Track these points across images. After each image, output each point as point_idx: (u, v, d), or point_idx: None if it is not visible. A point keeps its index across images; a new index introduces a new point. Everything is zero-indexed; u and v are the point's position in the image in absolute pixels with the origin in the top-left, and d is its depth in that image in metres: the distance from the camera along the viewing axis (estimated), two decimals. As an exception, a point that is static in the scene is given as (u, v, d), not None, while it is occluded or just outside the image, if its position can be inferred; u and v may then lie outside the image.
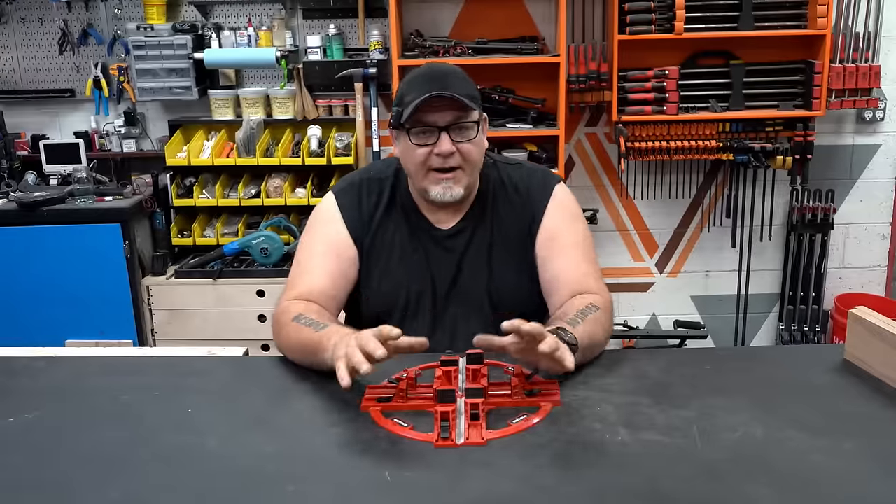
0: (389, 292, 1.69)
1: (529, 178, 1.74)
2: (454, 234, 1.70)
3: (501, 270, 1.69)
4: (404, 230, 1.70)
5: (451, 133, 1.58)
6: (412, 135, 1.59)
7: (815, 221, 3.78)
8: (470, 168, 1.62)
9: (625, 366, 1.47)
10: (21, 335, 3.45)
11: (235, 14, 3.73)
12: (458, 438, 1.20)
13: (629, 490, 1.06)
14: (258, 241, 3.56)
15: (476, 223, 1.71)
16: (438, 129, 1.57)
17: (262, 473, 1.12)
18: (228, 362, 1.61)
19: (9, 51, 3.82)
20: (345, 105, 3.72)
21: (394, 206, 1.72)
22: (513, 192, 1.72)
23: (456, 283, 1.69)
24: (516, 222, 1.71)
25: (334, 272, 1.66)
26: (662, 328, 3.98)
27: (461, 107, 1.56)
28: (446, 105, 1.56)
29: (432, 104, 1.55)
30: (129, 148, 3.83)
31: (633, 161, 3.68)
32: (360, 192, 1.72)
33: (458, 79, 1.60)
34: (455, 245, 1.70)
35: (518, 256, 1.70)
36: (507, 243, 1.70)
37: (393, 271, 1.69)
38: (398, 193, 1.72)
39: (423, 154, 1.59)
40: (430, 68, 1.64)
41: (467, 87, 1.60)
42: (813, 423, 1.23)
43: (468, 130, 1.59)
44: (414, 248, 1.70)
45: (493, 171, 1.74)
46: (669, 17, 3.35)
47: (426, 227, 1.71)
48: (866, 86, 3.47)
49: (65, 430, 1.28)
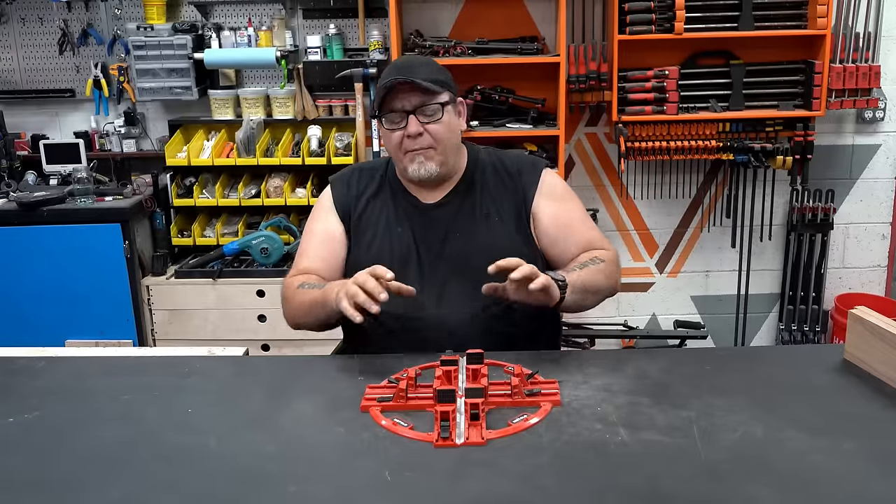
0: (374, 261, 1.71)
1: (518, 161, 1.89)
2: (440, 206, 1.81)
3: (495, 238, 1.78)
4: (391, 207, 1.83)
5: (419, 116, 1.71)
6: (384, 120, 1.74)
7: (815, 221, 3.77)
8: (441, 146, 1.74)
9: (625, 366, 1.47)
10: (21, 335, 3.45)
11: (235, 14, 3.73)
12: (458, 438, 1.20)
13: (629, 490, 1.07)
14: (258, 241, 3.56)
15: (463, 197, 1.82)
16: (406, 113, 1.71)
17: (263, 473, 1.12)
18: (228, 362, 1.61)
19: (9, 51, 3.82)
20: (345, 105, 3.72)
21: (383, 187, 1.85)
22: (502, 171, 1.85)
23: (444, 247, 1.77)
24: (504, 197, 1.82)
25: (329, 255, 1.82)
26: (662, 328, 3.97)
27: (424, 91, 1.70)
28: (410, 90, 1.69)
29: (399, 90, 1.69)
30: (129, 148, 3.83)
31: (633, 161, 3.68)
32: (350, 179, 1.89)
33: (423, 66, 1.75)
34: (441, 215, 1.80)
35: (512, 227, 1.80)
36: (500, 212, 1.80)
37: (377, 242, 1.80)
38: (388, 178, 1.87)
39: (397, 138, 1.73)
40: (398, 59, 1.83)
41: (432, 73, 1.74)
42: (813, 423, 1.23)
43: (435, 113, 1.72)
44: (399, 221, 1.81)
45: (484, 155, 1.88)
46: (669, 17, 3.34)
47: (412, 201, 1.83)
48: (866, 86, 3.47)
49: (65, 430, 1.28)
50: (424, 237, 1.79)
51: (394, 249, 1.78)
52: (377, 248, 1.79)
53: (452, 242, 1.77)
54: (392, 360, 1.52)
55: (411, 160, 1.74)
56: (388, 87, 1.69)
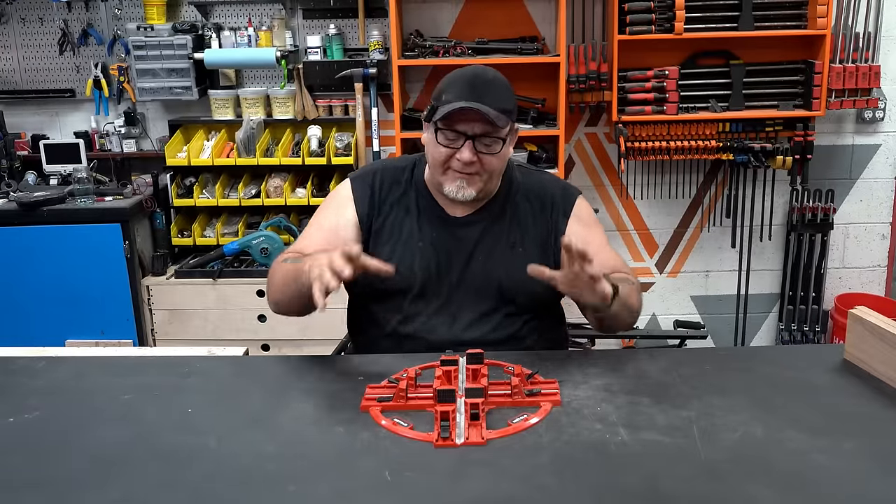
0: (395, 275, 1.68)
1: (551, 188, 1.80)
2: (467, 224, 1.73)
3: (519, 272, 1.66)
4: (415, 216, 1.74)
5: (477, 143, 1.61)
6: (440, 134, 1.63)
7: (815, 221, 3.78)
8: (487, 176, 1.66)
9: (625, 366, 1.47)
10: (21, 335, 3.45)
11: (235, 14, 3.73)
12: (458, 438, 1.20)
13: (629, 490, 1.06)
14: (258, 241, 3.56)
15: (493, 218, 1.74)
16: (465, 137, 1.61)
17: (263, 473, 1.12)
18: (228, 362, 1.61)
19: (9, 51, 3.82)
20: (345, 105, 3.72)
21: (408, 193, 1.76)
22: (534, 197, 1.77)
23: (467, 269, 1.71)
24: (536, 227, 1.75)
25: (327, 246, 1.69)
26: (662, 328, 3.98)
27: (492, 122, 1.59)
28: (478, 117, 1.59)
29: (466, 112, 1.59)
30: (129, 148, 3.83)
31: (633, 161, 3.68)
32: (374, 179, 1.77)
33: (498, 91, 1.63)
34: (468, 234, 1.72)
35: (535, 256, 1.71)
36: (525, 243, 1.74)
37: (398, 254, 1.71)
38: (414, 182, 1.77)
39: (445, 154, 1.63)
40: (474, 73, 1.66)
41: (504, 101, 1.63)
42: (813, 423, 1.23)
43: (494, 144, 1.63)
44: (423, 234, 1.72)
45: (516, 174, 1.79)
46: (669, 17, 3.34)
47: (438, 213, 1.74)
48: (866, 86, 3.47)
49: (65, 430, 1.28)
50: (448, 255, 1.71)
51: (415, 264, 1.70)
52: (399, 261, 1.69)
53: (476, 265, 1.71)
54: (392, 360, 1.52)
55: (451, 180, 1.65)
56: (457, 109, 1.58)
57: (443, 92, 1.64)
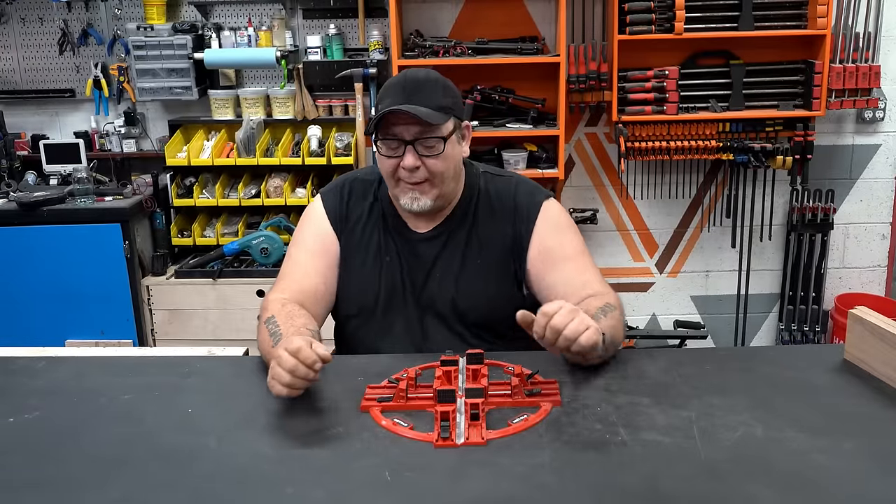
0: (360, 292, 1.71)
1: (516, 192, 1.71)
2: (428, 239, 1.70)
3: (470, 280, 1.67)
4: (381, 232, 1.72)
5: (418, 147, 1.57)
6: (381, 144, 1.59)
7: (815, 221, 3.77)
8: (438, 180, 1.61)
9: (625, 366, 1.47)
10: (21, 335, 3.45)
11: (235, 14, 3.73)
12: (458, 438, 1.20)
13: (629, 490, 1.06)
14: (258, 241, 3.56)
15: (452, 230, 1.70)
16: (404, 143, 1.57)
17: (262, 473, 1.12)
18: (228, 362, 1.61)
19: (9, 51, 3.82)
20: (345, 105, 3.72)
21: (374, 208, 1.73)
22: (497, 204, 1.70)
23: (425, 287, 1.68)
24: (496, 234, 1.69)
25: (324, 270, 1.71)
26: (662, 328, 3.97)
27: (425, 121, 1.54)
28: (411, 119, 1.54)
29: (399, 116, 1.54)
30: (129, 148, 3.83)
31: (633, 161, 3.68)
32: (342, 192, 1.76)
33: (431, 89, 1.57)
34: (428, 250, 1.69)
35: (494, 269, 1.68)
36: (483, 254, 1.68)
37: (367, 271, 1.70)
38: (380, 196, 1.74)
39: (391, 165, 1.60)
40: (404, 77, 1.61)
41: (439, 98, 1.57)
42: (813, 423, 1.23)
43: (435, 145, 1.58)
44: (388, 250, 1.70)
45: (479, 180, 1.73)
46: (669, 17, 3.34)
47: (402, 229, 1.71)
48: (866, 86, 3.47)
49: (65, 430, 1.28)
50: (410, 271, 1.69)
51: (382, 280, 1.69)
52: (367, 277, 1.69)
53: (434, 281, 1.68)
54: (392, 360, 1.52)
55: (404, 191, 1.62)
56: (387, 112, 1.54)
57: (379, 101, 1.60)
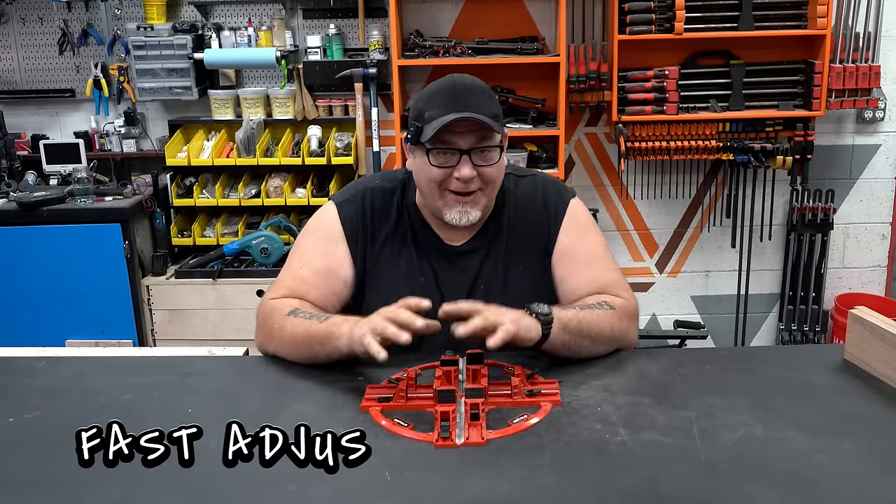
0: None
1: (544, 192, 1.66)
2: (467, 253, 1.62)
3: (518, 293, 1.58)
4: (412, 250, 1.62)
5: (473, 156, 1.49)
6: (431, 155, 1.50)
7: (815, 221, 3.78)
8: (489, 190, 1.55)
9: (625, 366, 1.47)
10: (21, 335, 3.45)
11: (235, 14, 3.73)
12: (458, 438, 1.20)
13: (629, 490, 1.06)
14: (258, 241, 3.56)
15: (491, 240, 1.63)
16: (460, 152, 1.49)
17: (262, 473, 1.12)
18: (228, 362, 1.61)
19: (9, 51, 3.82)
20: (345, 105, 3.72)
21: (401, 221, 1.63)
22: (529, 206, 1.65)
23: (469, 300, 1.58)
24: (531, 238, 1.64)
25: (328, 293, 1.60)
26: (662, 328, 3.98)
27: (485, 129, 1.48)
28: (469, 127, 1.47)
29: (456, 124, 1.46)
30: (129, 148, 3.84)
31: (633, 161, 3.68)
32: (363, 204, 1.63)
33: (482, 97, 1.51)
34: (468, 264, 1.62)
35: (535, 274, 1.64)
36: (523, 261, 1.64)
37: (399, 292, 1.54)
38: (405, 207, 1.64)
39: (441, 175, 1.51)
40: (453, 83, 1.51)
41: (491, 106, 1.51)
42: (813, 423, 1.23)
43: (491, 154, 1.51)
44: (422, 270, 1.61)
45: (508, 183, 1.66)
46: (669, 17, 3.35)
47: (436, 244, 1.62)
48: (866, 86, 3.47)
49: (65, 430, 1.28)
50: (449, 288, 1.59)
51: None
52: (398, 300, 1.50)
53: (478, 295, 1.57)
54: (392, 360, 1.51)
55: (451, 205, 1.53)
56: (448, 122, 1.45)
57: (424, 110, 1.50)
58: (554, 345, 1.41)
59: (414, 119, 1.53)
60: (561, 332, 1.40)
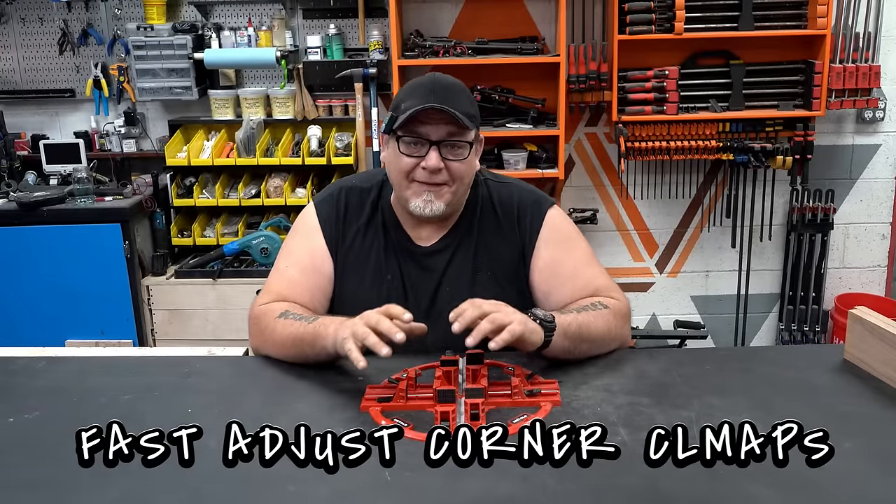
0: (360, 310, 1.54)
1: (520, 200, 1.67)
2: (434, 253, 1.65)
3: (483, 294, 1.56)
4: (381, 246, 1.65)
5: (442, 149, 1.53)
6: (402, 143, 1.55)
7: (815, 221, 3.78)
8: (456, 186, 1.57)
9: (625, 366, 1.47)
10: (21, 335, 3.45)
11: (235, 14, 3.73)
12: (458, 438, 1.20)
13: (629, 490, 1.06)
14: (258, 241, 3.56)
15: (459, 242, 1.65)
16: (429, 143, 1.53)
17: (262, 473, 1.12)
18: (228, 362, 1.61)
19: (9, 51, 3.82)
20: (345, 105, 3.72)
21: (374, 218, 1.66)
22: (502, 213, 1.66)
23: (434, 303, 1.62)
24: (504, 245, 1.65)
25: (313, 288, 1.63)
26: (662, 328, 3.98)
27: (458, 124, 1.52)
28: (442, 119, 1.51)
29: (429, 116, 1.51)
30: (129, 148, 3.84)
31: (633, 161, 3.68)
32: (338, 202, 1.68)
33: (460, 95, 1.55)
34: (435, 264, 1.64)
35: (503, 283, 1.64)
36: (492, 266, 1.64)
37: (365, 289, 1.63)
38: (380, 206, 1.67)
39: (409, 164, 1.55)
40: (433, 78, 1.57)
41: (468, 106, 1.55)
42: (813, 422, 1.22)
43: (461, 149, 1.55)
44: (389, 267, 1.64)
45: (482, 189, 1.68)
46: (669, 17, 3.35)
47: (405, 244, 1.65)
48: (866, 86, 3.47)
49: (65, 430, 1.28)
50: (415, 288, 1.63)
51: (381, 300, 1.51)
52: (366, 296, 1.59)
53: (442, 297, 1.61)
54: (392, 360, 1.51)
55: (417, 193, 1.56)
56: (419, 110, 1.49)
57: (402, 100, 1.55)
58: (555, 350, 1.41)
59: (392, 109, 1.58)
60: (562, 339, 1.41)
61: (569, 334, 1.42)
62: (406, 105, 1.53)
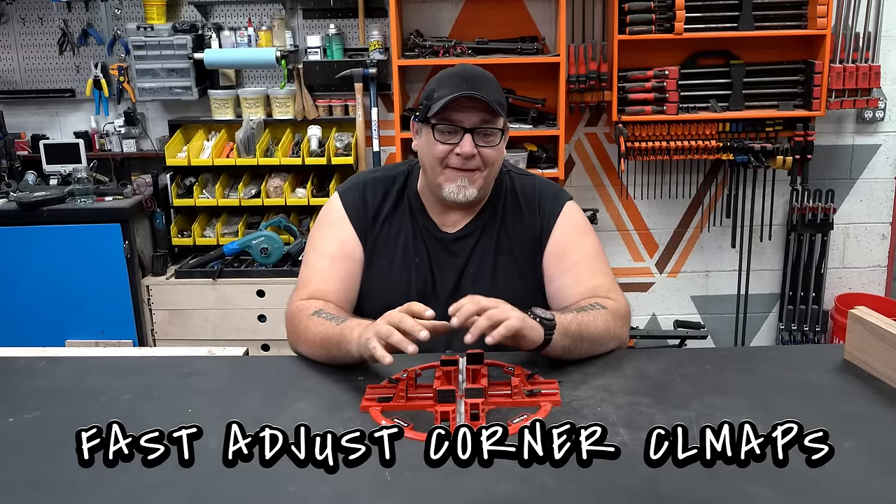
0: (390, 292, 1.67)
1: (542, 190, 1.74)
2: (460, 238, 1.70)
3: (505, 279, 1.68)
4: (409, 230, 1.70)
5: (475, 136, 1.59)
6: (436, 131, 1.60)
7: (815, 221, 3.78)
8: (487, 171, 1.63)
9: (625, 366, 1.47)
10: (21, 335, 3.45)
11: (235, 14, 3.73)
12: (458, 438, 1.20)
13: (629, 490, 1.06)
14: (258, 241, 3.56)
15: (483, 229, 1.70)
16: (463, 130, 1.58)
17: (262, 473, 1.12)
18: (228, 362, 1.61)
19: (9, 51, 3.82)
20: (345, 105, 3.72)
21: (400, 205, 1.72)
22: (524, 203, 1.72)
23: (459, 287, 1.66)
24: (525, 233, 1.70)
25: (345, 276, 1.67)
26: (662, 328, 3.98)
27: (490, 111, 1.57)
28: (475, 107, 1.57)
29: (462, 104, 1.56)
30: (129, 148, 3.84)
31: (633, 161, 3.68)
32: (364, 191, 1.72)
33: (490, 84, 1.61)
34: (460, 249, 1.69)
35: (524, 267, 1.69)
36: (513, 252, 1.70)
37: (395, 272, 1.68)
38: (407, 193, 1.73)
39: (443, 151, 1.60)
40: (464, 68, 1.63)
41: (497, 94, 1.61)
42: (813, 423, 1.22)
43: (492, 136, 1.60)
44: (417, 250, 1.69)
45: (506, 179, 1.75)
46: (669, 17, 3.35)
47: (432, 229, 1.70)
48: (866, 86, 3.47)
49: (65, 430, 1.28)
50: (441, 271, 1.68)
51: (412, 281, 1.67)
52: (395, 278, 1.67)
53: (467, 279, 1.67)
54: (392, 359, 1.51)
55: (451, 179, 1.61)
56: (454, 98, 1.55)
57: (434, 90, 1.61)
58: (555, 350, 1.43)
59: (425, 98, 1.63)
60: (562, 338, 1.42)
61: (569, 333, 1.43)
62: (439, 94, 1.58)
